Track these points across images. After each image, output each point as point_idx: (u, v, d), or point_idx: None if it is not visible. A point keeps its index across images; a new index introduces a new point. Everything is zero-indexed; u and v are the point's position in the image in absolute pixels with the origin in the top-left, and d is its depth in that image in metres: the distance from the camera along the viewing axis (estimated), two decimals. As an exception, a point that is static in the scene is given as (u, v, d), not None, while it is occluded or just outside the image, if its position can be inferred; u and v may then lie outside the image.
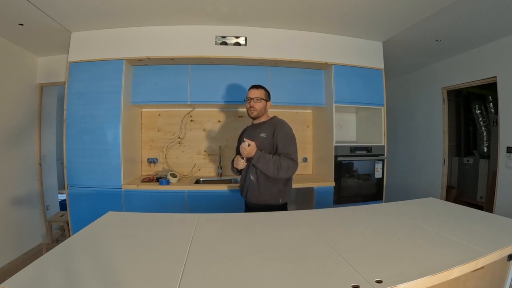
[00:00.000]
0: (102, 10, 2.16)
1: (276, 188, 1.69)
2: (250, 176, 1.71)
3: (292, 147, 1.66)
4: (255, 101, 1.73)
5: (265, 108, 1.78)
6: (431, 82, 3.62)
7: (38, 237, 3.03)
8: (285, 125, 1.74)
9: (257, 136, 1.71)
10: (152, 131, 3.02)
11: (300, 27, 2.55)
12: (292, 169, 1.60)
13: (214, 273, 0.79)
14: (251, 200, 1.73)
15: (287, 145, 1.65)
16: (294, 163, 1.61)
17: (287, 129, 1.71)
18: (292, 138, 1.69)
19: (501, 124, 2.71)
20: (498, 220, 1.26)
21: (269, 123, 1.76)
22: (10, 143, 2.69)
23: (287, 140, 1.66)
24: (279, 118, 1.81)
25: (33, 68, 3.01)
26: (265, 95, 1.76)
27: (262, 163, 1.58)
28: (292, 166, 1.59)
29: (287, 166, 1.57)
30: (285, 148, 1.64)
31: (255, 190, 1.70)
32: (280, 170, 1.56)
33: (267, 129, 1.72)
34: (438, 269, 0.78)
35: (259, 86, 1.78)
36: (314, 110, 3.15)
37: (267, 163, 1.57)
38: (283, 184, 1.70)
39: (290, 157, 1.60)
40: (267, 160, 1.58)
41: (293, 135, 1.71)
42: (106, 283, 0.73)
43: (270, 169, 1.57)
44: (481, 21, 2.30)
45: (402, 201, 1.63)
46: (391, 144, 3.95)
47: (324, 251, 0.94)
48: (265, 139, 1.69)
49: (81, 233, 1.10)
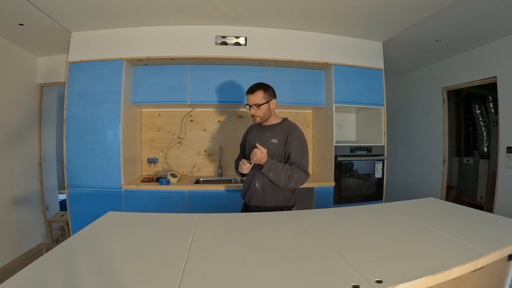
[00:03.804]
0: (102, 10, 2.16)
1: (282, 197, 1.61)
2: (256, 183, 1.61)
3: (305, 158, 1.56)
4: (255, 109, 1.57)
5: (270, 110, 1.61)
6: (431, 82, 3.62)
7: (38, 237, 3.03)
8: (299, 132, 1.61)
9: (268, 141, 1.59)
10: (152, 131, 3.02)
11: (300, 27, 2.55)
12: (303, 180, 1.53)
13: (214, 273, 0.79)
14: (253, 204, 1.64)
15: (300, 155, 1.55)
16: (306, 174, 1.53)
17: (301, 137, 1.59)
18: (306, 147, 1.59)
19: (501, 124, 2.71)
20: (498, 220, 1.26)
21: (281, 127, 1.62)
22: (10, 143, 2.69)
23: (301, 150, 1.56)
24: (292, 122, 1.68)
25: (33, 68, 3.01)
26: (264, 96, 1.56)
27: (273, 173, 1.48)
28: (303, 177, 1.52)
29: (298, 177, 1.49)
30: (297, 159, 1.54)
31: (260, 198, 1.61)
32: (291, 181, 1.48)
33: (279, 135, 1.58)
34: (438, 269, 0.78)
35: (255, 89, 1.57)
36: (314, 110, 3.15)
37: (279, 173, 1.47)
38: (289, 192, 1.62)
39: (303, 169, 1.52)
40: (279, 169, 1.48)
41: (306, 143, 1.60)
42: (106, 283, 0.73)
43: (281, 179, 1.48)
44: (481, 21, 2.30)
45: (402, 201, 1.62)
46: (391, 144, 3.95)
47: (324, 251, 0.94)
48: (277, 146, 1.57)
49: (81, 233, 1.10)
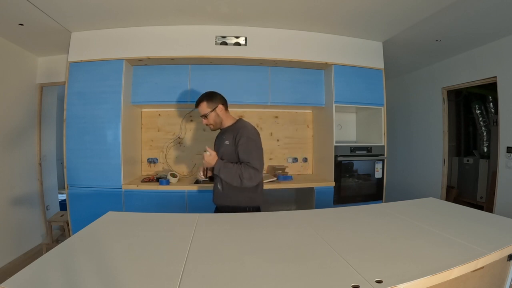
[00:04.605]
0: (102, 10, 2.16)
1: (242, 196, 1.61)
2: (218, 185, 1.67)
3: (252, 154, 1.54)
4: (204, 119, 1.69)
5: (219, 116, 1.68)
6: (431, 82, 3.62)
7: (38, 237, 3.03)
8: (246, 129, 1.61)
9: (223, 143, 1.64)
10: (152, 131, 3.02)
11: (300, 27, 2.55)
12: (255, 177, 1.51)
13: (214, 273, 0.79)
14: (220, 204, 1.69)
15: (247, 152, 1.54)
16: (256, 171, 1.51)
17: (248, 134, 1.58)
18: (253, 143, 1.57)
19: (501, 124, 2.71)
20: (498, 220, 1.26)
21: (233, 128, 1.66)
22: (10, 143, 2.69)
23: (247, 146, 1.55)
24: (244, 121, 1.72)
25: (33, 68, 3.01)
26: (208, 106, 1.65)
27: (224, 173, 1.52)
28: (253, 174, 1.50)
29: (248, 175, 1.48)
30: (245, 156, 1.54)
31: (223, 199, 1.66)
32: (242, 179, 1.48)
33: (230, 135, 1.62)
34: (438, 269, 0.78)
35: (199, 101, 1.68)
36: (314, 110, 3.15)
37: (229, 173, 1.51)
38: (251, 191, 1.61)
39: (251, 166, 1.50)
40: (228, 169, 1.51)
41: (254, 140, 1.59)
42: (106, 283, 0.73)
43: (233, 178, 1.50)
44: (481, 21, 2.30)
45: (402, 201, 1.62)
46: (391, 144, 3.94)
47: (324, 251, 0.94)
48: (229, 146, 1.61)
49: (81, 233, 1.10)
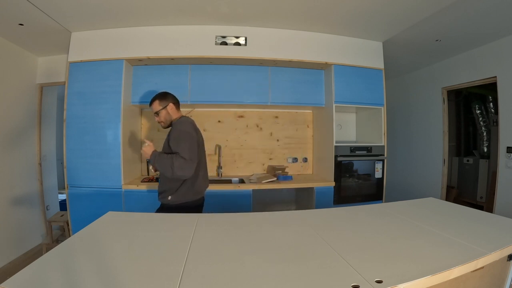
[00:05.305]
0: (102, 10, 2.16)
1: (167, 186, 1.71)
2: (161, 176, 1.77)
3: (181, 145, 1.60)
4: (156, 116, 1.81)
5: (169, 114, 1.79)
6: (431, 82, 3.62)
7: (38, 237, 3.03)
8: (179, 124, 1.71)
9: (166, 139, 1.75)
10: (152, 131, 3.02)
11: (300, 27, 2.55)
12: (185, 166, 1.54)
13: (214, 273, 0.79)
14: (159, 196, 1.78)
15: (177, 143, 1.61)
16: (185, 161, 1.55)
17: (180, 127, 1.67)
18: (183, 135, 1.64)
19: (501, 124, 2.71)
20: (498, 220, 1.26)
21: (172, 124, 1.78)
22: (10, 143, 2.69)
23: (178, 138, 1.63)
24: (186, 117, 1.80)
25: (33, 68, 3.01)
26: (160, 103, 1.78)
27: (158, 163, 1.61)
28: (183, 164, 1.54)
29: (179, 164, 1.53)
30: (175, 147, 1.61)
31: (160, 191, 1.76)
32: (174, 168, 1.53)
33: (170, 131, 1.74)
34: (438, 269, 0.78)
35: (152, 100, 1.81)
36: (314, 110, 3.15)
37: (161, 162, 1.59)
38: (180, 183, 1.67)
39: (180, 155, 1.56)
40: (161, 159, 1.59)
41: (185, 132, 1.65)
42: (106, 283, 0.73)
43: (166, 168, 1.57)
44: (481, 21, 2.30)
45: (402, 201, 1.63)
46: (391, 144, 3.94)
47: (324, 251, 0.94)
48: (166, 140, 1.73)
49: (81, 233, 1.10)
